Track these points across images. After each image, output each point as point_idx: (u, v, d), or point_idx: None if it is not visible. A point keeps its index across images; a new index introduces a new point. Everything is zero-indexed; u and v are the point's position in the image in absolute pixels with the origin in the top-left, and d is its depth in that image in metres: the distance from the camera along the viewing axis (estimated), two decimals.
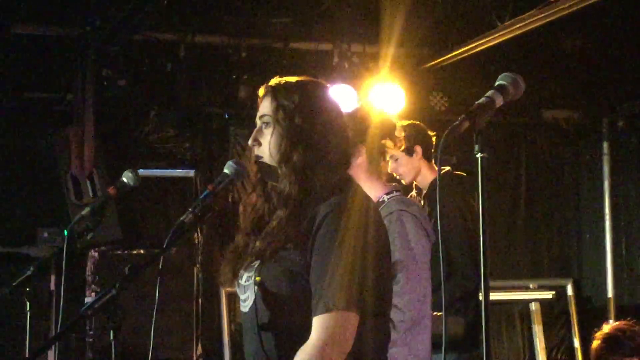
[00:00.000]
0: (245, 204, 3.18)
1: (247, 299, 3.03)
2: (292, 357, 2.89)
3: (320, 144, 3.03)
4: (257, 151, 3.09)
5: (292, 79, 3.14)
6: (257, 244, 3.02)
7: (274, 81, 3.13)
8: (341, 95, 7.34)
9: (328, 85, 3.23)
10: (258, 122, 3.11)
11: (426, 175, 5.90)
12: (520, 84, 2.79)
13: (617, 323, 5.11)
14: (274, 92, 3.09)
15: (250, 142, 3.10)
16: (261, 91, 3.14)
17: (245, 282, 3.04)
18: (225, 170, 3.25)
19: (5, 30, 7.14)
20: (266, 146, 3.07)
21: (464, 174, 6.12)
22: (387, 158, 5.70)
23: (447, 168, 5.96)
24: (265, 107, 3.10)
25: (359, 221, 2.93)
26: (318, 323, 2.84)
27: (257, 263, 2.99)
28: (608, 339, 5.02)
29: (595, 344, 5.07)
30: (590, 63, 8.25)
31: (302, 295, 2.91)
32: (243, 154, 7.92)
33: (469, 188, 6.13)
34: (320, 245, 2.90)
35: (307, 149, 3.02)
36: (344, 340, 2.84)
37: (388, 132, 4.50)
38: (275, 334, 2.97)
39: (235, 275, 3.08)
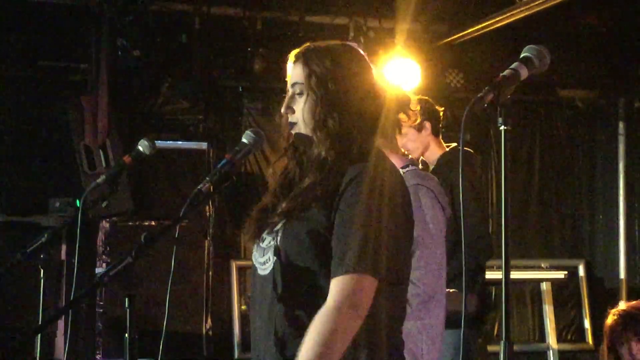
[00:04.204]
0: (276, 167, 3.15)
1: (266, 262, 3.01)
2: (297, 325, 2.89)
3: (355, 109, 3.01)
4: (290, 119, 3.06)
5: (323, 43, 3.10)
6: (284, 205, 3.00)
7: (304, 47, 3.10)
8: None
9: (359, 48, 3.17)
10: (290, 89, 3.08)
11: (434, 151, 5.89)
12: (546, 57, 2.76)
13: (635, 302, 5.10)
14: (305, 58, 3.06)
15: (283, 109, 3.07)
16: (291, 57, 3.11)
17: (267, 244, 3.01)
18: (244, 140, 3.23)
19: None
20: (299, 113, 3.04)
21: (471, 151, 6.13)
22: (403, 132, 5.72)
23: (454, 144, 5.95)
24: (296, 74, 3.06)
25: (385, 187, 2.91)
26: (335, 285, 2.82)
27: (280, 225, 2.97)
28: (625, 315, 5.01)
29: (611, 319, 5.06)
30: (608, 42, 8.21)
31: (324, 257, 2.89)
32: (256, 126, 7.90)
33: (477, 164, 6.14)
34: (344, 208, 2.88)
35: (342, 114, 3.00)
36: (360, 303, 2.81)
37: (403, 105, 4.49)
38: (287, 301, 2.94)
39: (258, 236, 3.06)
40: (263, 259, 3.02)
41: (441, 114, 5.95)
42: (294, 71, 3.08)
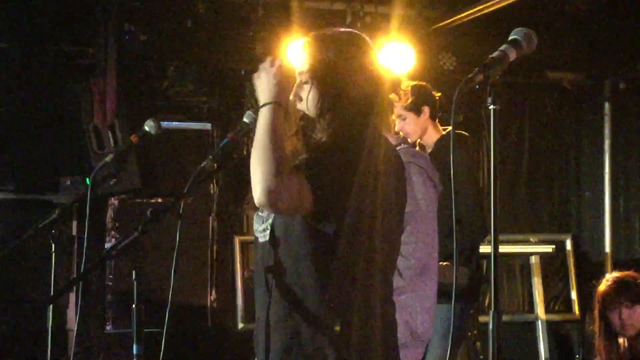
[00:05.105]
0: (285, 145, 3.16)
1: (266, 229, 3.03)
2: (287, 292, 2.93)
3: (357, 95, 3.00)
4: (298, 106, 3.06)
5: (328, 31, 3.09)
6: None
7: (310, 35, 3.09)
8: None
9: (364, 36, 3.15)
10: (298, 77, 3.08)
11: (431, 135, 5.90)
12: (533, 39, 2.76)
13: (629, 271, 5.14)
14: (310, 47, 3.05)
15: (291, 97, 3.07)
16: (302, 45, 3.10)
17: (266, 214, 3.03)
18: (245, 120, 3.24)
19: None
20: (305, 102, 3.04)
21: (466, 134, 6.12)
22: (397, 114, 5.73)
23: (450, 128, 5.95)
24: (303, 63, 3.06)
25: (371, 152, 2.94)
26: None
27: None
28: (619, 281, 5.06)
29: (604, 285, 5.09)
30: (593, 26, 8.18)
31: (312, 227, 2.90)
32: (258, 107, 7.88)
33: (472, 146, 6.14)
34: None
35: (344, 102, 2.99)
36: (286, 189, 2.81)
37: (394, 87, 4.50)
38: (280, 268, 2.95)
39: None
40: (262, 227, 3.04)
41: (438, 99, 5.95)
42: (301, 59, 3.07)
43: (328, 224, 2.89)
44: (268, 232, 3.00)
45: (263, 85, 2.98)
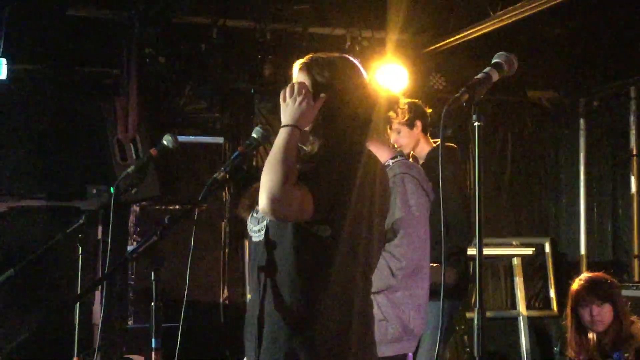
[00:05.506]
0: None
1: (260, 230, 3.01)
2: (278, 288, 2.90)
3: (349, 114, 2.99)
4: None
5: (324, 55, 3.07)
6: None
7: (308, 57, 3.08)
8: None
9: (356, 61, 3.13)
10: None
11: (423, 147, 5.89)
12: (514, 62, 2.76)
13: (600, 272, 5.13)
14: (308, 68, 3.04)
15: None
16: (296, 65, 3.09)
17: (261, 215, 3.01)
18: (254, 135, 3.24)
19: (61, 13, 7.13)
20: None
21: (455, 146, 6.11)
22: (393, 128, 5.72)
23: (440, 141, 5.94)
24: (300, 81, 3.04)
25: (362, 166, 2.93)
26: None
27: None
28: (591, 280, 5.04)
29: (577, 284, 5.08)
30: (569, 49, 8.20)
31: (305, 234, 2.89)
32: (266, 123, 7.90)
33: (460, 158, 6.13)
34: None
35: (336, 119, 2.98)
36: (290, 198, 2.79)
37: (392, 105, 4.50)
38: (272, 266, 2.94)
39: (252, 207, 3.07)
40: (257, 227, 3.02)
41: (429, 114, 5.95)
42: (298, 79, 3.06)
43: (323, 229, 2.87)
44: (263, 232, 2.98)
45: (288, 110, 2.94)
